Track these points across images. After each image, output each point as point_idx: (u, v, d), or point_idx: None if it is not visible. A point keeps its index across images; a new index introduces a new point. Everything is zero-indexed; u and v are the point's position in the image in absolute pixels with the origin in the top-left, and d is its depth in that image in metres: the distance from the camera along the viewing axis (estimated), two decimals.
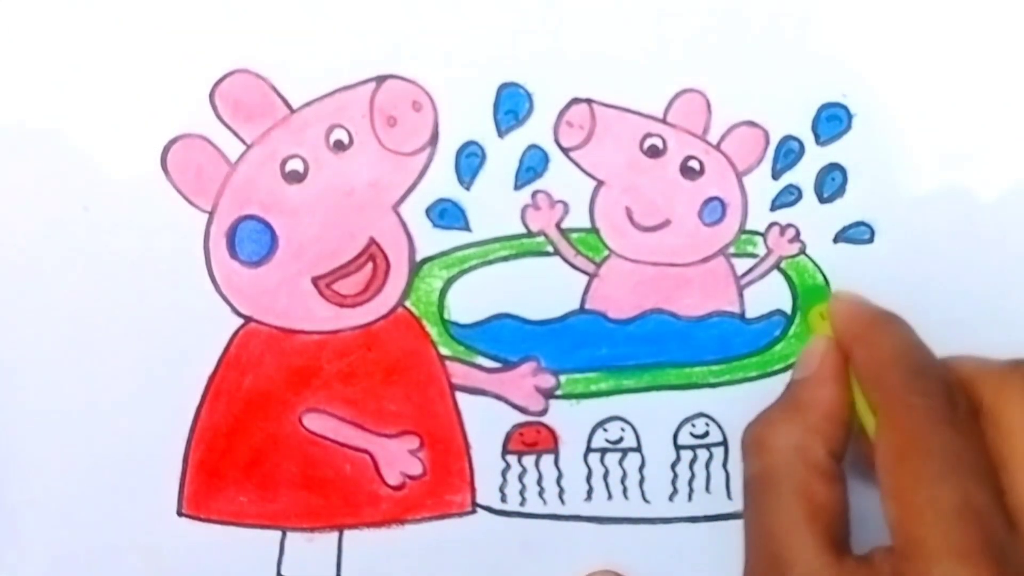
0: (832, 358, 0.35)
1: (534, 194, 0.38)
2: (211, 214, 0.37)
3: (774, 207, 0.39)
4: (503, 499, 0.39)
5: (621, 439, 0.39)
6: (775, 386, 0.39)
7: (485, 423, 0.38)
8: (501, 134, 0.38)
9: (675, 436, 0.39)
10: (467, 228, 0.38)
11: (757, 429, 0.34)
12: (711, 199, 0.39)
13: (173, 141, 0.37)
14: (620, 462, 0.39)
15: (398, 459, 0.38)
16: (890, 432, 0.31)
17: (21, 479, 0.37)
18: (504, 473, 0.38)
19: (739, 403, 0.39)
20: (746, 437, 0.34)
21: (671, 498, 0.39)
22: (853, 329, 0.35)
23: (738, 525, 0.34)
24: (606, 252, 0.39)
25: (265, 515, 0.38)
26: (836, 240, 0.39)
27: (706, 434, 0.39)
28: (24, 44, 0.37)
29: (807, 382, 0.35)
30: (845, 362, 0.35)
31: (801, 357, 0.36)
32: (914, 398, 0.31)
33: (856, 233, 0.39)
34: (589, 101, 0.38)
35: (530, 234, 0.38)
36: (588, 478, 0.39)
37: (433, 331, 0.38)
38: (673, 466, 0.39)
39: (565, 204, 0.38)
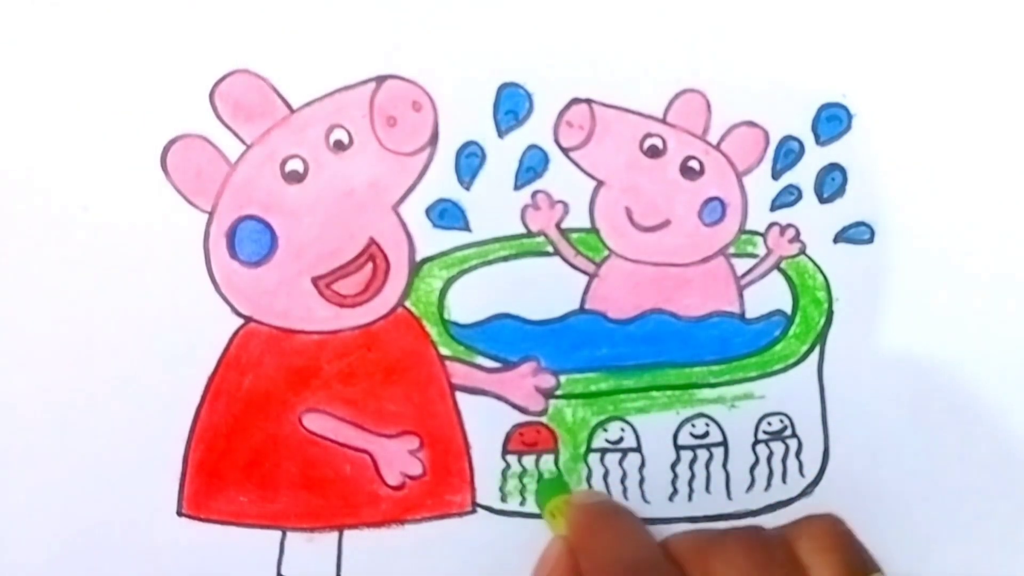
0: (564, 564, 0.35)
1: (534, 194, 0.38)
2: (211, 214, 0.37)
3: (774, 207, 0.39)
4: (503, 499, 0.39)
5: (621, 439, 0.39)
6: (775, 386, 0.39)
7: (485, 423, 0.38)
8: (501, 134, 0.38)
9: (675, 436, 0.39)
10: (467, 228, 0.38)
11: None
12: (711, 199, 0.39)
13: (173, 141, 0.37)
14: (620, 462, 0.39)
15: (398, 459, 0.38)
16: None
17: (21, 479, 0.37)
18: (504, 473, 0.38)
19: (739, 403, 0.39)
20: None
21: (671, 498, 0.39)
22: (578, 535, 0.35)
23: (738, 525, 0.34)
24: (606, 252, 0.39)
25: (265, 515, 0.38)
26: (836, 240, 0.39)
27: (706, 434, 0.39)
28: (25, 43, 0.37)
29: None
30: (577, 566, 0.34)
31: (538, 562, 0.36)
32: None
33: (856, 233, 0.39)
34: (589, 101, 0.38)
35: (530, 234, 0.38)
36: (588, 478, 0.39)
37: (433, 331, 0.38)
38: (673, 466, 0.39)
39: (565, 204, 0.38)
